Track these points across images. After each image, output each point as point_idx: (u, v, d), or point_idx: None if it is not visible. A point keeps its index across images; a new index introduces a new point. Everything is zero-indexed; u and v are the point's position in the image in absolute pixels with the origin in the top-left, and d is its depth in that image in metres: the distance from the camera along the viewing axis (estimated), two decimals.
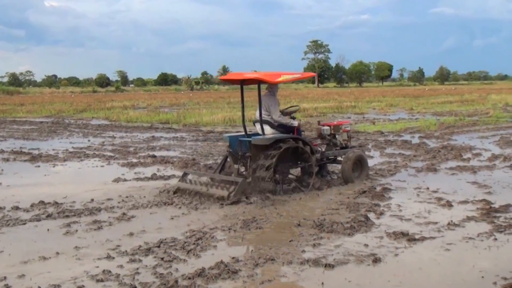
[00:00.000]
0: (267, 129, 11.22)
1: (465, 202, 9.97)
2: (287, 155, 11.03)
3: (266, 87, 11.85)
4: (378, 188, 11.22)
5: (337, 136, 12.71)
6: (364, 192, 10.83)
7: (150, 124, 29.98)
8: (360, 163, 12.13)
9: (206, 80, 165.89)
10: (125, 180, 12.97)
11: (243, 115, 11.82)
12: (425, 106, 42.64)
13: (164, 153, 17.62)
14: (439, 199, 10.22)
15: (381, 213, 9.27)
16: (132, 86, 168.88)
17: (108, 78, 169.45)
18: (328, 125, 12.69)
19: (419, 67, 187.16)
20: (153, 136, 23.11)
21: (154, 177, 13.15)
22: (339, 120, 13.23)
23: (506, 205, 9.54)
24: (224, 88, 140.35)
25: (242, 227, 8.46)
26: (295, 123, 11.59)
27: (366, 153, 15.96)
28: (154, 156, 16.54)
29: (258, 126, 11.37)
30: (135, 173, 14.00)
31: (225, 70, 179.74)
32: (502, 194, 10.66)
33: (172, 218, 9.20)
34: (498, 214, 9.01)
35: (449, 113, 33.45)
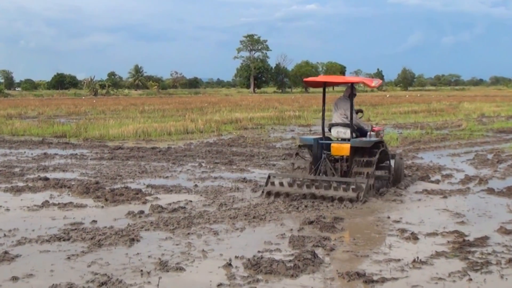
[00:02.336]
0: (348, 133, 14.16)
1: (433, 234, 10.15)
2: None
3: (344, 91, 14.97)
4: (328, 218, 11.31)
5: None
6: (311, 222, 10.88)
7: (42, 138, 29.40)
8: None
9: (113, 83, 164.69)
10: (7, 209, 12.64)
11: (323, 118, 14.81)
12: (385, 116, 43.49)
13: (59, 174, 17.30)
14: (403, 230, 10.37)
15: (332, 249, 9.33)
16: (19, 90, 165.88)
17: None
18: (373, 131, 14.93)
19: (378, 69, 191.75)
20: (45, 154, 22.67)
21: (46, 205, 12.88)
22: (376, 126, 16.88)
23: (482, 237, 9.76)
24: (136, 93, 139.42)
25: (158, 268, 8.35)
26: (369, 127, 14.81)
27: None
28: (46, 179, 16.20)
29: (337, 129, 14.34)
30: (22, 200, 13.67)
31: (138, 71, 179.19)
32: (478, 224, 10.92)
33: (69, 258, 9.00)
34: (473, 249, 9.20)
35: (413, 125, 34.19)
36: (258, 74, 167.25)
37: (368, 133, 14.47)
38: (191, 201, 13.15)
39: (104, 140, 28.52)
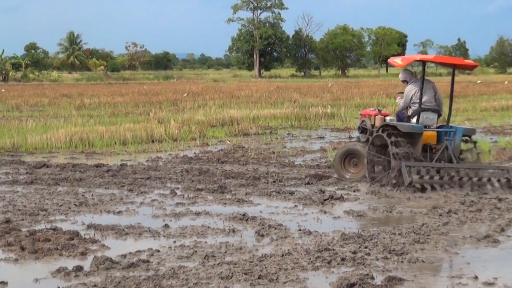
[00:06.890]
0: (435, 119, 20.38)
1: None
2: None
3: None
4: (379, 278, 11.31)
5: None
6: (352, 285, 10.86)
7: None
8: None
9: (35, 61, 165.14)
10: None
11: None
12: (470, 114, 43.55)
13: None
14: None
15: None
16: None
17: None
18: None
19: (459, 40, 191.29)
20: None
21: None
22: None
23: None
24: (71, 77, 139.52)
25: None
26: None
27: (350, 205, 16.29)
28: None
29: (426, 115, 19.95)
30: None
31: (73, 43, 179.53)
32: None
33: None
34: None
35: None
36: (267, 47, 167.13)
37: None
38: (158, 251, 13.14)
39: (20, 152, 28.55)
